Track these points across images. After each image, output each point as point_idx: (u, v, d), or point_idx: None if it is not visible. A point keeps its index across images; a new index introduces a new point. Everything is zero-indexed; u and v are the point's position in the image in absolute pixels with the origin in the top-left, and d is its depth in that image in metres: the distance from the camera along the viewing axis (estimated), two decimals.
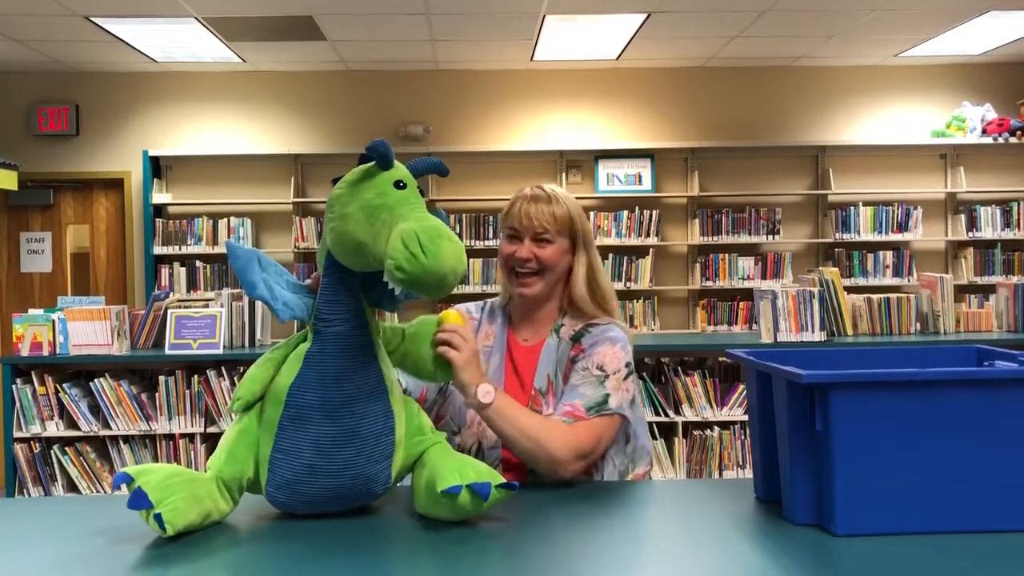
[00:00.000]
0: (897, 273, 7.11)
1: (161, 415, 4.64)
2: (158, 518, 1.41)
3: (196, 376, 4.64)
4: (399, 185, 1.51)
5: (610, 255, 7.06)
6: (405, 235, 1.42)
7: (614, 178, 7.18)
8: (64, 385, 4.58)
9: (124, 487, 1.46)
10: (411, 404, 1.69)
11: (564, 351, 1.97)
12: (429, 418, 1.73)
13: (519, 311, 2.06)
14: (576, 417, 1.86)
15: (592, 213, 7.09)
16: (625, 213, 7.09)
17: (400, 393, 1.66)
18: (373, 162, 1.54)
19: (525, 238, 1.98)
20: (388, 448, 1.58)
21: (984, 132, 7.10)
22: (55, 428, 4.60)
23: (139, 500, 1.42)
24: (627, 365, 1.94)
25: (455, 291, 6.81)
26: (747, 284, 7.03)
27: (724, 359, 4.80)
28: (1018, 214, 7.19)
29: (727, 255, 7.14)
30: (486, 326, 2.07)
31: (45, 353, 4.50)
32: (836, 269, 4.87)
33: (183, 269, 7.00)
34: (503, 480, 1.54)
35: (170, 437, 4.66)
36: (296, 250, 7.02)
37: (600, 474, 1.93)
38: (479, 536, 1.51)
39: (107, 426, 4.61)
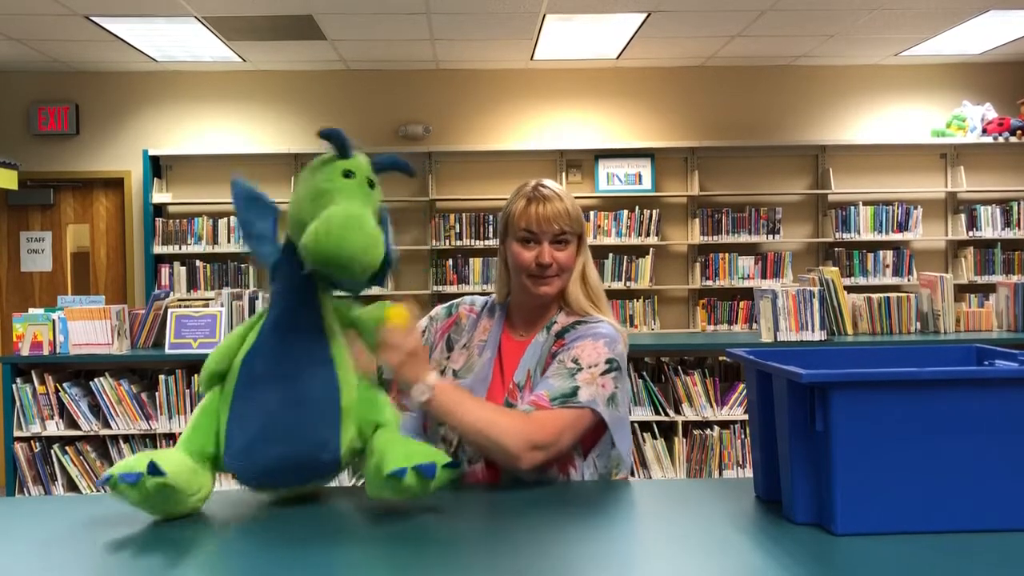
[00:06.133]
0: (897, 272, 7.11)
1: (161, 414, 4.64)
2: (152, 466, 1.47)
3: (196, 375, 4.63)
4: (347, 174, 1.60)
5: (610, 255, 7.06)
6: (322, 217, 1.52)
7: (614, 177, 7.18)
8: (64, 384, 4.58)
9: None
10: (368, 387, 1.69)
11: (548, 345, 1.94)
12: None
13: (521, 308, 2.02)
14: (539, 407, 1.81)
15: (592, 212, 7.10)
16: (625, 212, 7.09)
17: (354, 369, 1.66)
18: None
19: (544, 241, 1.92)
20: (333, 413, 1.60)
21: (984, 131, 7.09)
22: (55, 427, 4.60)
23: (132, 477, 1.49)
24: (608, 362, 1.87)
25: (453, 289, 6.83)
26: (747, 283, 7.03)
27: (724, 358, 4.80)
28: (1018, 213, 7.19)
29: (727, 254, 7.14)
30: (484, 320, 2.05)
31: (45, 352, 4.50)
32: (836, 268, 4.87)
33: (183, 268, 7.00)
34: (448, 460, 1.56)
35: (170, 436, 4.66)
36: None
37: (579, 475, 1.89)
38: (479, 535, 1.51)
39: (107, 425, 4.61)
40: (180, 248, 7.00)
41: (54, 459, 4.64)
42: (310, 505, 1.68)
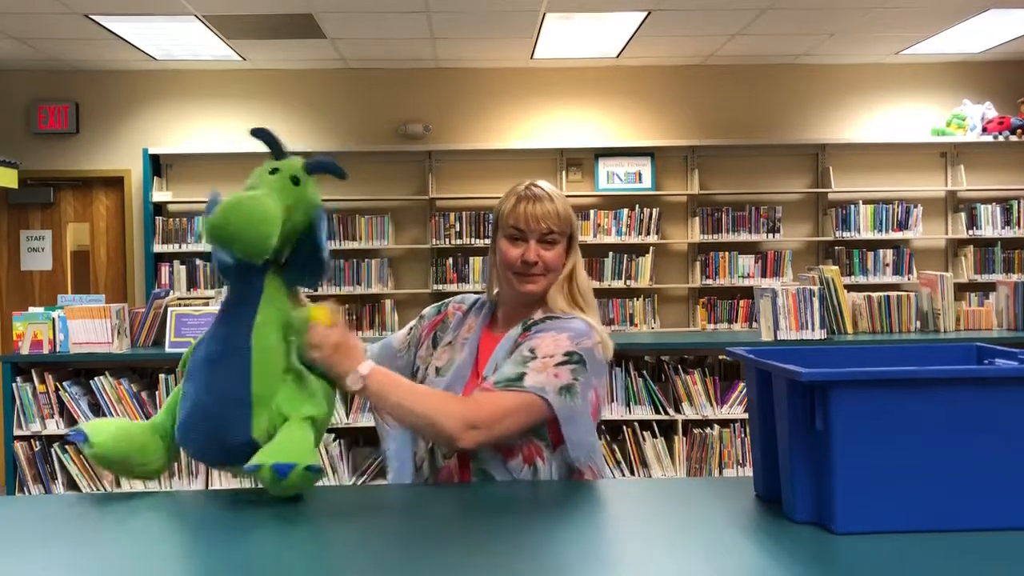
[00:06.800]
0: (897, 271, 7.11)
1: None
2: (81, 434, 1.71)
3: None
4: (272, 172, 1.74)
5: (610, 253, 7.06)
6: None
7: (614, 176, 7.18)
8: (64, 383, 4.57)
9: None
10: (297, 380, 1.73)
11: (516, 338, 1.94)
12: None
13: (506, 306, 2.03)
14: (484, 390, 1.83)
15: (592, 211, 7.10)
16: (625, 211, 7.09)
17: (278, 361, 1.71)
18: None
19: (531, 240, 1.93)
20: (244, 400, 1.68)
21: (984, 130, 7.09)
22: (55, 426, 4.59)
23: (77, 436, 1.71)
24: (568, 354, 1.84)
25: (453, 288, 6.82)
26: (747, 282, 7.03)
27: (724, 357, 4.80)
28: (1018, 212, 7.19)
29: (727, 253, 7.14)
30: (471, 319, 2.06)
31: (45, 351, 4.49)
32: (836, 267, 4.87)
33: (183, 267, 7.00)
34: (313, 463, 1.60)
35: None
36: None
37: (547, 467, 1.86)
38: (477, 535, 1.51)
39: None
40: (180, 247, 7.00)
41: (54, 458, 4.64)
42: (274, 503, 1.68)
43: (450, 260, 7.07)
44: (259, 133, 1.77)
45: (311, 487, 1.64)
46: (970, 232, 7.17)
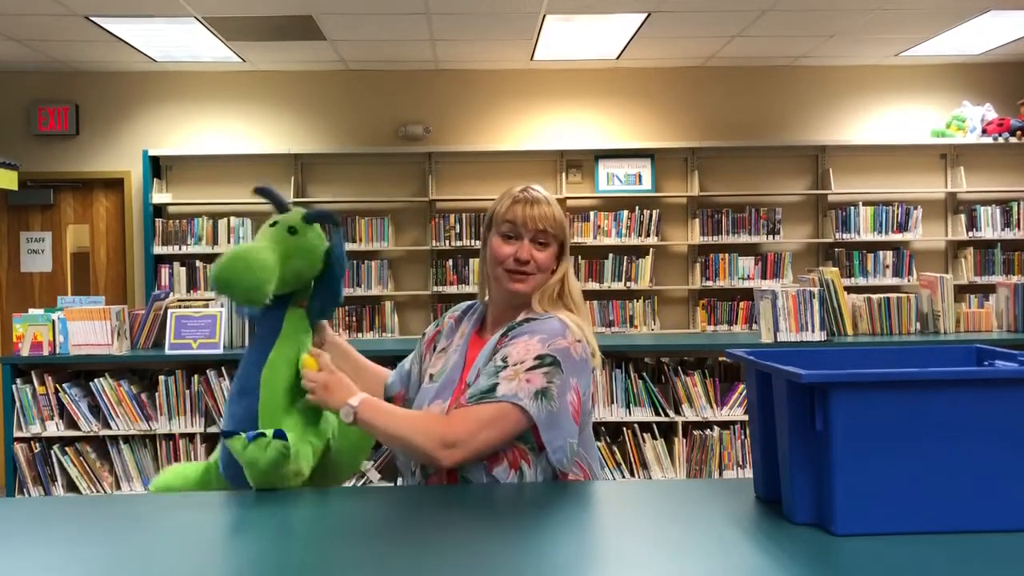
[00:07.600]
0: (897, 273, 7.11)
1: (161, 415, 4.64)
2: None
3: (196, 376, 4.64)
4: (273, 224, 1.93)
5: (610, 255, 7.06)
6: None
7: (614, 178, 7.18)
8: (64, 385, 4.57)
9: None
10: (301, 413, 1.89)
11: (495, 344, 1.93)
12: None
13: (496, 308, 2.03)
14: (460, 406, 1.84)
15: (592, 213, 7.10)
16: (625, 213, 7.09)
17: (285, 396, 1.88)
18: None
19: (525, 239, 1.94)
20: (252, 426, 1.85)
21: (984, 132, 7.09)
22: (55, 428, 4.59)
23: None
24: (539, 358, 1.83)
25: (453, 290, 6.83)
26: (747, 284, 7.03)
27: (724, 359, 4.80)
28: (1018, 214, 7.19)
29: (727, 255, 7.14)
30: (464, 325, 2.08)
31: (45, 353, 4.49)
32: (836, 269, 4.87)
33: (183, 269, 7.00)
34: (277, 430, 1.78)
35: (170, 437, 4.66)
36: None
37: (533, 471, 1.85)
38: (477, 536, 1.51)
39: (107, 426, 4.61)
40: (180, 248, 7.00)
41: (54, 460, 4.64)
42: (267, 505, 1.69)
43: (450, 262, 7.07)
44: (262, 191, 1.96)
45: (282, 460, 1.74)
46: (970, 234, 7.17)
